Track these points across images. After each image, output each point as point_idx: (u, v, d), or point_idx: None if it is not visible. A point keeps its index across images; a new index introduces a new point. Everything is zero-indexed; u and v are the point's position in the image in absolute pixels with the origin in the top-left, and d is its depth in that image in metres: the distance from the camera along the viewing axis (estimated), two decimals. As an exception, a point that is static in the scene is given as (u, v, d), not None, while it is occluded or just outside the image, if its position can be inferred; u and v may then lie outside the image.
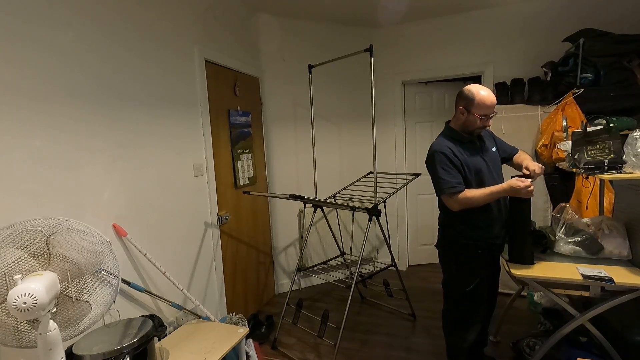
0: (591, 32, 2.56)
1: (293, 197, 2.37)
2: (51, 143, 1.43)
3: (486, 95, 1.64)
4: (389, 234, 2.67)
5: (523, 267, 1.67)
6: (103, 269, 1.27)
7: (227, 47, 2.64)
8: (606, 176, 1.54)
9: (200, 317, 1.98)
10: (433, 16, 3.33)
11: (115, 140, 1.72)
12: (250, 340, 2.16)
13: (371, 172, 2.87)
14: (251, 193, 2.59)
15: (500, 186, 1.61)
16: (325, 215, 2.95)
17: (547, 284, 1.65)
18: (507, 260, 1.74)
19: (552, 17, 2.98)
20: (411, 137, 3.71)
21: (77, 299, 1.19)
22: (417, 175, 2.73)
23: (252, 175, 2.92)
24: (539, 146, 2.65)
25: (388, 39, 3.51)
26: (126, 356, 1.27)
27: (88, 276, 1.22)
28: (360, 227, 3.36)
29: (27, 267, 1.09)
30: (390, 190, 2.48)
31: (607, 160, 1.56)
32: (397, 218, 3.71)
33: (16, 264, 1.08)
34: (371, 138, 2.46)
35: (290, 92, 3.22)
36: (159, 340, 1.70)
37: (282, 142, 3.26)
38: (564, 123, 2.34)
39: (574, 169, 1.76)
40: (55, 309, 1.11)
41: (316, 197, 2.86)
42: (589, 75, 2.51)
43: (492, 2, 3.06)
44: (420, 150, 3.69)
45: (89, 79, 1.59)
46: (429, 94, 3.70)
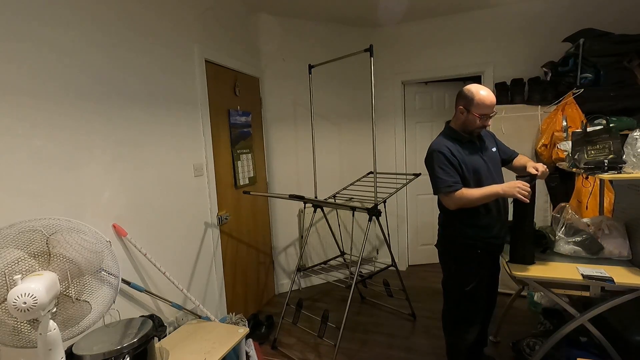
0: (591, 32, 2.56)
1: (293, 197, 2.37)
2: (51, 143, 1.43)
3: (486, 94, 1.64)
4: (389, 234, 2.67)
5: (523, 267, 1.67)
6: (103, 269, 1.27)
7: (227, 47, 2.64)
8: (606, 176, 1.54)
9: (200, 317, 1.98)
10: (433, 16, 3.33)
11: (115, 140, 1.72)
12: (250, 340, 2.16)
13: (371, 172, 2.87)
14: (251, 193, 2.59)
15: (499, 186, 1.61)
16: (325, 215, 2.95)
17: (547, 284, 1.65)
18: (507, 260, 1.74)
19: (552, 17, 2.99)
20: (411, 137, 3.71)
21: (77, 299, 1.19)
22: (417, 175, 2.73)
23: (252, 175, 2.92)
24: (539, 146, 2.65)
25: (388, 39, 3.51)
26: (126, 356, 1.27)
27: (88, 276, 1.22)
28: (360, 227, 3.36)
29: (27, 267, 1.09)
30: (390, 190, 2.48)
31: (607, 160, 1.56)
32: (397, 218, 3.71)
33: (16, 264, 1.08)
34: (371, 138, 2.46)
35: (290, 92, 3.22)
36: (159, 340, 1.70)
37: (282, 142, 3.26)
38: (564, 123, 2.34)
39: (574, 169, 1.76)
40: (55, 309, 1.11)
41: (316, 197, 2.86)
42: (589, 75, 2.51)
43: (493, 2, 3.07)
44: (420, 150, 3.69)
45: (89, 78, 1.59)
46: (429, 94, 3.70)
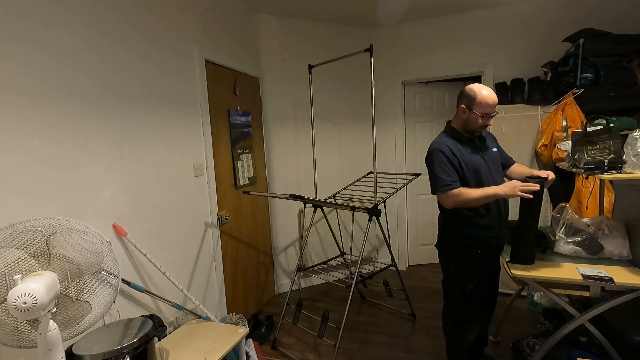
0: (591, 32, 2.56)
1: (293, 197, 2.37)
2: (51, 143, 1.43)
3: (488, 94, 1.65)
4: (389, 234, 2.67)
5: (523, 267, 1.67)
6: (103, 269, 1.27)
7: (227, 47, 2.64)
8: (606, 176, 1.54)
9: (200, 317, 1.98)
10: (433, 16, 3.33)
11: (115, 140, 1.72)
12: (250, 340, 2.16)
13: (371, 172, 2.87)
14: (251, 193, 2.59)
15: (498, 187, 1.60)
16: (325, 215, 2.95)
17: (547, 284, 1.65)
18: (507, 260, 1.74)
19: (552, 17, 2.98)
20: (411, 137, 3.71)
21: (77, 299, 1.19)
22: (417, 175, 2.73)
23: (252, 175, 2.92)
24: (539, 146, 2.65)
25: (388, 39, 3.51)
26: (126, 356, 1.27)
27: (88, 276, 1.22)
28: (360, 227, 3.36)
29: (27, 267, 1.09)
30: (390, 190, 2.48)
31: (607, 160, 1.56)
32: (397, 218, 3.71)
33: (16, 264, 1.08)
34: (371, 138, 2.46)
35: (290, 92, 3.22)
36: (159, 340, 1.70)
37: (282, 142, 3.26)
38: (564, 123, 2.34)
39: (574, 169, 1.76)
40: (55, 309, 1.11)
41: (316, 197, 2.86)
42: (589, 75, 2.51)
43: (492, 2, 3.06)
44: (420, 150, 3.69)
45: (89, 78, 1.59)
46: (429, 94, 3.70)
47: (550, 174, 1.64)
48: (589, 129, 1.71)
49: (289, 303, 2.49)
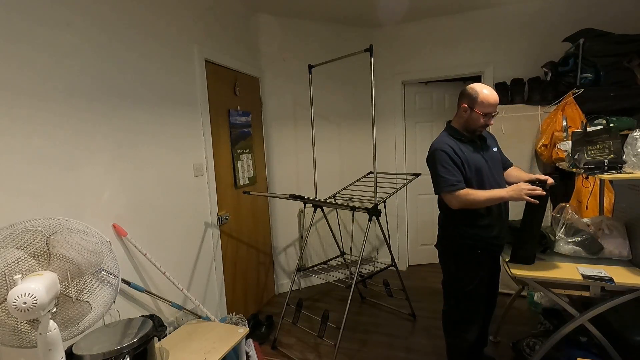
0: (591, 32, 2.56)
1: (293, 197, 2.37)
2: (51, 143, 1.43)
3: (489, 93, 1.65)
4: (389, 234, 2.67)
5: (523, 267, 1.67)
6: (103, 269, 1.27)
7: (227, 47, 2.64)
8: (606, 176, 1.54)
9: (200, 317, 1.98)
10: (433, 16, 3.32)
11: (115, 140, 1.72)
12: (250, 340, 2.16)
13: (371, 172, 2.87)
14: (251, 193, 2.59)
15: (504, 190, 1.59)
16: (325, 215, 2.95)
17: (547, 284, 1.65)
18: (507, 260, 1.74)
19: (552, 17, 2.98)
20: (411, 137, 3.71)
21: (77, 299, 1.19)
22: (417, 175, 2.73)
23: (252, 175, 2.92)
24: (539, 146, 2.65)
25: (388, 39, 3.51)
26: (126, 356, 1.27)
27: (88, 276, 1.22)
28: (360, 227, 3.36)
29: (27, 267, 1.09)
30: (390, 190, 2.48)
31: (607, 160, 1.56)
32: (397, 218, 3.71)
33: (16, 264, 1.08)
34: (371, 138, 2.46)
35: (290, 92, 3.22)
36: (159, 340, 1.70)
37: (282, 142, 3.26)
38: (564, 123, 2.34)
39: (574, 169, 1.76)
40: (55, 309, 1.11)
41: (316, 197, 2.86)
42: (589, 75, 2.51)
43: (492, 2, 3.06)
44: (420, 150, 3.69)
45: (89, 78, 1.59)
46: (429, 94, 3.70)
47: (548, 179, 1.65)
48: (589, 129, 1.71)
49: (289, 303, 2.49)
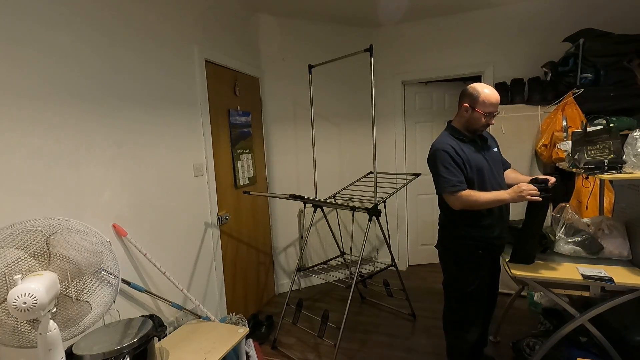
0: (591, 32, 2.56)
1: (293, 197, 2.37)
2: (51, 143, 1.43)
3: (490, 93, 1.65)
4: (389, 234, 2.67)
5: (523, 267, 1.67)
6: (103, 269, 1.27)
7: (227, 47, 2.64)
8: (606, 176, 1.54)
9: (200, 317, 1.98)
10: (433, 16, 3.32)
11: (115, 140, 1.72)
12: (250, 340, 2.16)
13: (371, 172, 2.87)
14: (251, 193, 2.59)
15: (506, 192, 1.59)
16: (325, 215, 2.95)
17: (547, 284, 1.65)
18: (507, 260, 1.74)
19: (552, 17, 2.98)
20: (411, 137, 3.71)
21: (77, 299, 1.19)
22: (417, 175, 2.73)
23: (252, 175, 2.92)
24: (539, 146, 2.65)
25: (388, 39, 3.51)
26: (126, 356, 1.27)
27: (88, 276, 1.22)
28: (360, 227, 3.36)
29: (27, 267, 1.09)
30: (390, 190, 2.48)
31: (607, 160, 1.56)
32: (397, 218, 3.71)
33: (16, 264, 1.08)
34: (371, 138, 2.46)
35: (290, 92, 3.22)
36: (159, 340, 1.70)
37: (282, 142, 3.26)
38: (564, 123, 2.34)
39: (574, 169, 1.76)
40: (55, 309, 1.11)
41: (316, 197, 2.86)
42: (589, 75, 2.51)
43: (492, 2, 3.06)
44: (420, 150, 3.69)
45: (89, 78, 1.59)
46: (429, 94, 3.70)
47: (551, 178, 1.64)
48: (589, 129, 1.70)
49: (289, 303, 2.49)
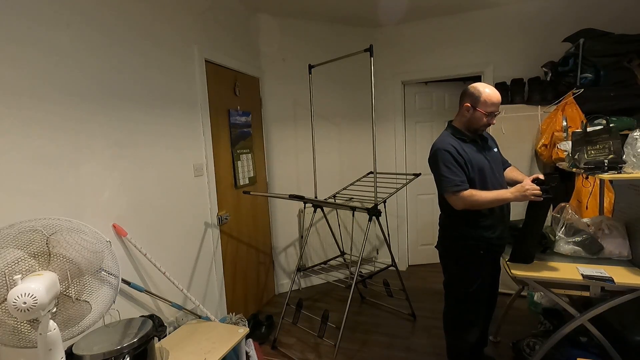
0: (591, 32, 2.56)
1: (293, 197, 2.37)
2: (51, 143, 1.43)
3: (492, 92, 1.65)
4: (389, 234, 2.67)
5: (523, 267, 1.67)
6: (103, 269, 1.27)
7: (227, 47, 2.64)
8: (606, 176, 1.54)
9: (200, 317, 1.98)
10: (433, 16, 3.32)
11: (115, 140, 1.72)
12: (250, 340, 2.16)
13: (371, 172, 2.87)
14: (251, 193, 2.59)
15: (508, 191, 1.59)
16: (325, 215, 2.95)
17: (547, 284, 1.65)
18: (507, 260, 1.74)
19: (552, 17, 2.98)
20: (411, 137, 3.71)
21: (77, 299, 1.19)
22: (417, 175, 2.73)
23: (252, 175, 2.92)
24: (539, 146, 2.65)
25: (388, 39, 3.51)
26: (126, 356, 1.27)
27: (88, 276, 1.22)
28: (360, 227, 3.36)
29: (27, 267, 1.09)
30: (390, 190, 2.48)
31: (607, 160, 1.56)
32: (397, 218, 3.71)
33: (16, 264, 1.08)
34: (371, 138, 2.46)
35: (290, 92, 3.22)
36: (159, 340, 1.70)
37: (282, 142, 3.26)
38: (564, 123, 2.34)
39: (574, 169, 1.76)
40: (55, 309, 1.11)
41: (316, 197, 2.86)
42: (589, 75, 2.51)
43: (492, 2, 3.06)
44: (420, 150, 3.69)
45: (88, 78, 1.59)
46: (429, 94, 3.70)
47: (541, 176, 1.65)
48: (589, 129, 1.70)
49: (289, 303, 2.49)
